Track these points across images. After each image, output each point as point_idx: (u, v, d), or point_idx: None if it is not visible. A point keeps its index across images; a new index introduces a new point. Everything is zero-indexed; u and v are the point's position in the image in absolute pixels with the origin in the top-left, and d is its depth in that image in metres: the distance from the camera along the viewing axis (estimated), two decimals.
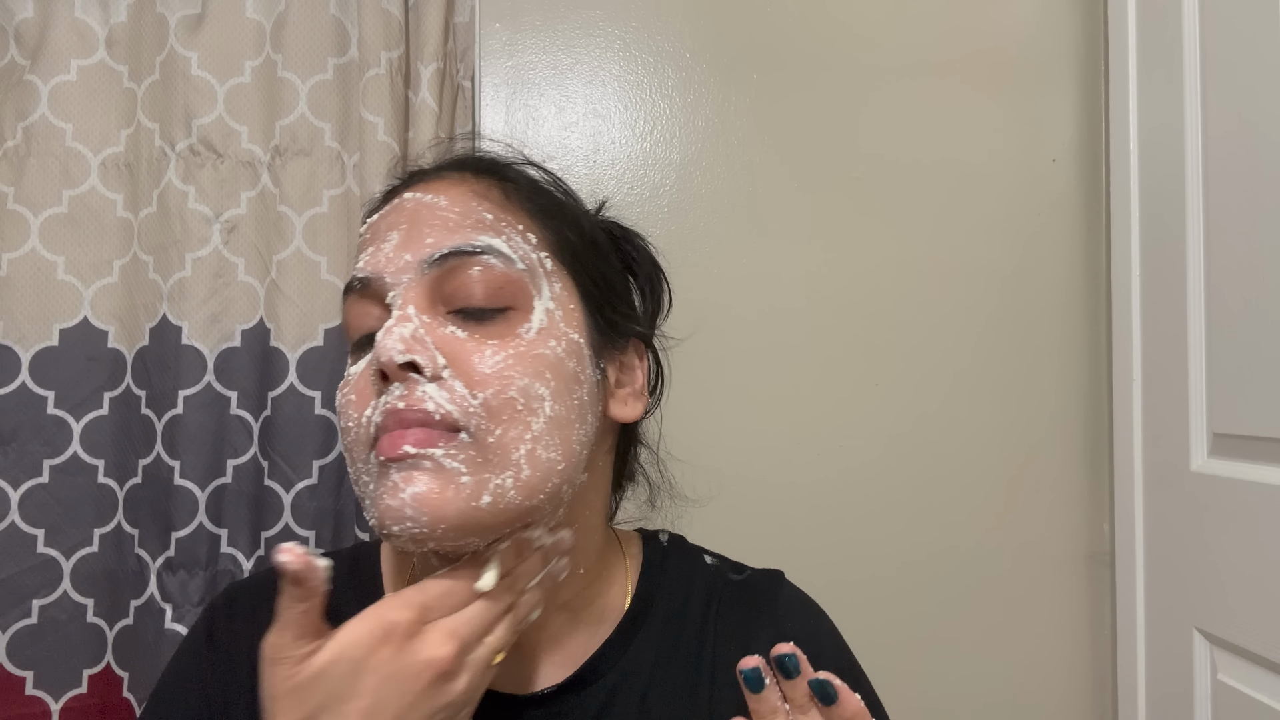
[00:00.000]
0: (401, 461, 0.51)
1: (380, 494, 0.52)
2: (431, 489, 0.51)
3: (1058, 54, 1.37)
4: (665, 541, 0.73)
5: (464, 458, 0.52)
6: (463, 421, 0.52)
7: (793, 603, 0.71)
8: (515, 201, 0.61)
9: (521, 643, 0.62)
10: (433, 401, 0.52)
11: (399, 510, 0.51)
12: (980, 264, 1.35)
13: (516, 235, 0.59)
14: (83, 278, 1.24)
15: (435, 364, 0.53)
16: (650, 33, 1.34)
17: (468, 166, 0.64)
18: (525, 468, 0.53)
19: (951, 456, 1.34)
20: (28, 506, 1.21)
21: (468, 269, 0.56)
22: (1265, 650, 0.99)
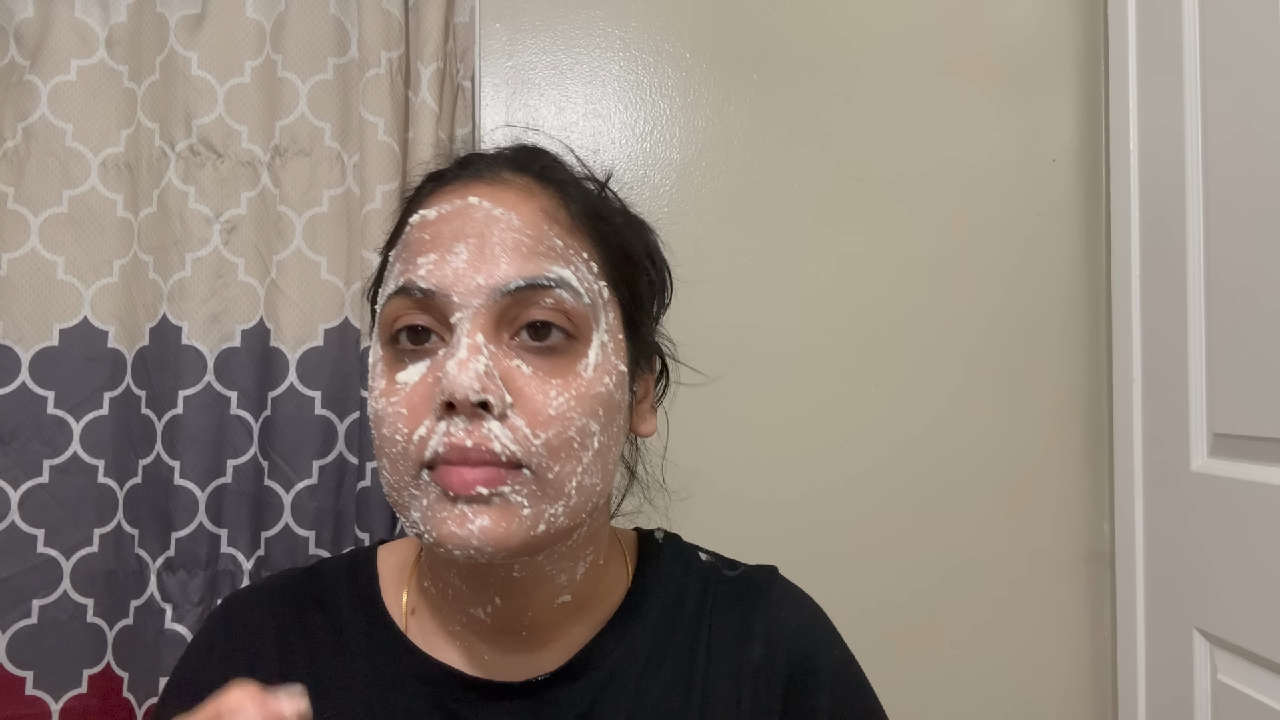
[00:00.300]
0: (472, 497, 0.54)
1: (443, 518, 0.54)
2: (498, 524, 0.54)
3: (1058, 54, 1.37)
4: (661, 539, 0.74)
5: (526, 492, 0.55)
6: (524, 460, 0.54)
7: (787, 596, 0.71)
8: (581, 225, 0.61)
9: (527, 631, 0.63)
10: (499, 442, 0.54)
11: (464, 539, 0.54)
12: (980, 264, 1.35)
13: (582, 265, 0.59)
14: (83, 278, 1.24)
15: (504, 402, 0.54)
16: (650, 33, 1.34)
17: (532, 172, 0.63)
18: (574, 496, 0.56)
19: (951, 457, 1.34)
20: (28, 506, 1.21)
21: (539, 299, 0.56)
22: (1265, 650, 0.99)
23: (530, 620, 0.63)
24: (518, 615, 0.62)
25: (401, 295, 0.58)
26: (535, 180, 0.62)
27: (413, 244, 0.60)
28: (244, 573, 1.21)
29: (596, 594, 0.66)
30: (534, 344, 0.57)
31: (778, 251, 1.34)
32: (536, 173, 0.63)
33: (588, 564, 0.64)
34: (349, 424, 1.24)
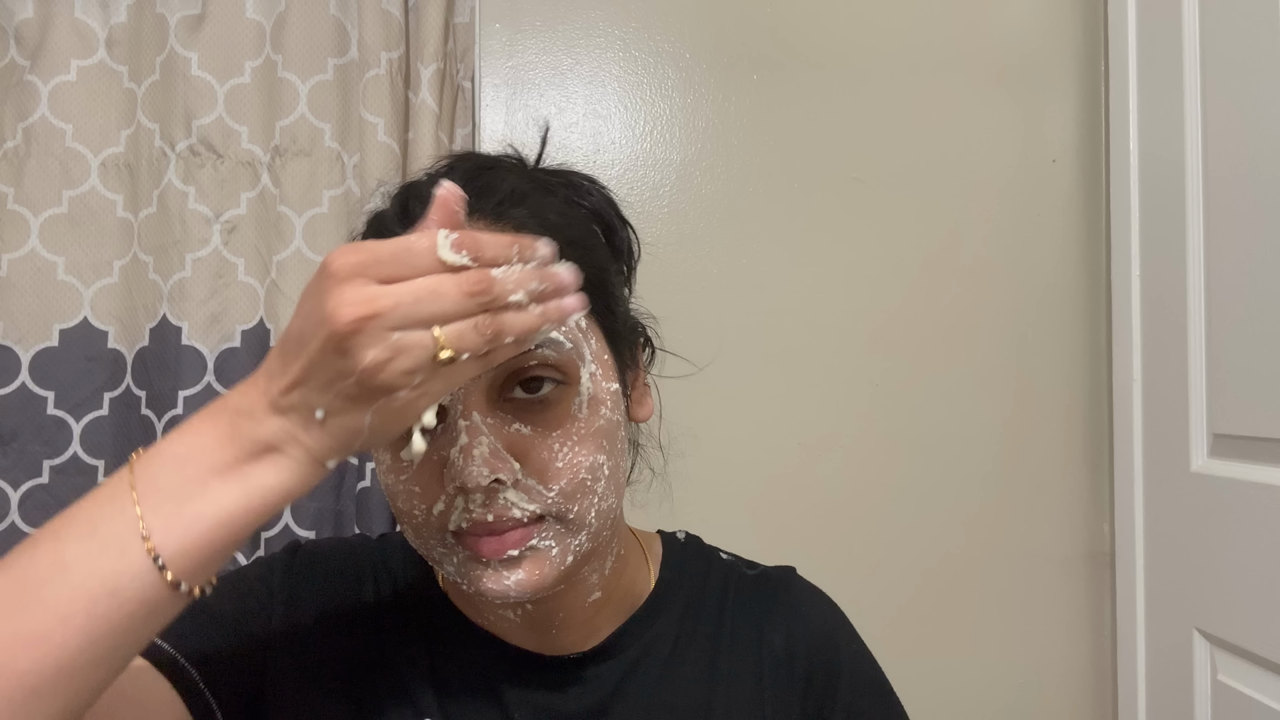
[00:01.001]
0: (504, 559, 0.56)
1: (477, 575, 0.57)
2: (532, 572, 0.56)
3: (1058, 54, 1.37)
4: (683, 539, 0.76)
5: (552, 535, 0.57)
6: (544, 511, 0.56)
7: (807, 593, 0.74)
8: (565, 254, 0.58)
9: (563, 620, 0.64)
10: (518, 509, 0.55)
11: (503, 592, 0.56)
12: (980, 264, 1.35)
13: None
14: (83, 278, 1.23)
15: (513, 472, 0.55)
16: (650, 33, 1.34)
17: (485, 214, 0.58)
18: (594, 522, 0.58)
19: (951, 457, 1.34)
20: (28, 507, 1.21)
21: (525, 361, 0.55)
22: (1265, 650, 0.99)
23: (562, 620, 0.65)
24: (550, 616, 0.64)
25: None
26: (491, 225, 0.58)
27: None
28: None
29: (622, 587, 0.68)
30: (527, 398, 0.56)
31: (778, 251, 1.34)
32: (489, 213, 0.58)
33: (614, 557, 0.66)
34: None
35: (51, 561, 0.45)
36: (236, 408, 0.47)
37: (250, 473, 0.46)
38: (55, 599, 0.44)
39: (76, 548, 0.45)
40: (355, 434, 0.46)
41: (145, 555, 0.45)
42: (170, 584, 0.45)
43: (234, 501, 0.46)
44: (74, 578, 0.44)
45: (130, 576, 0.45)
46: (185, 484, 0.46)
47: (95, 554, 0.45)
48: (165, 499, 0.46)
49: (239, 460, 0.46)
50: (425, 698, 0.64)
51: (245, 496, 0.46)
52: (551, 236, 0.53)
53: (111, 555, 0.45)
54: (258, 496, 0.46)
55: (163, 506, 0.45)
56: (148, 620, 0.46)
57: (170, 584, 0.45)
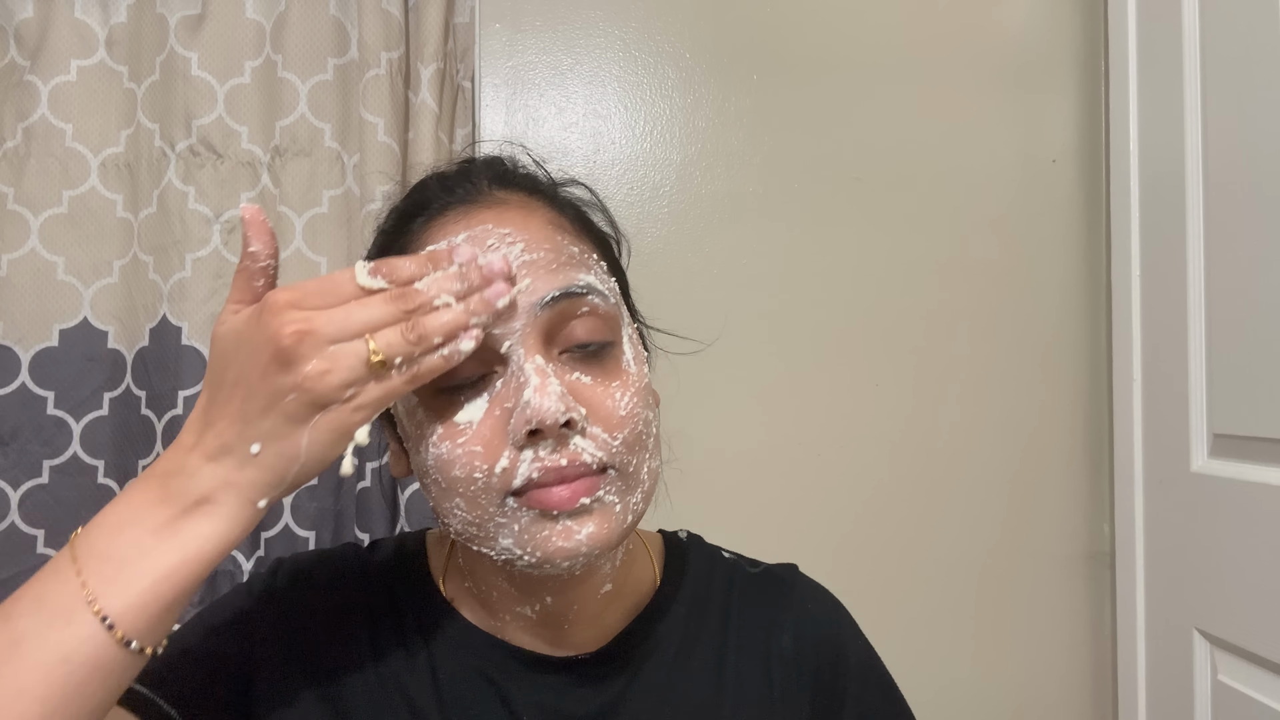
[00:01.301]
0: (575, 510, 0.56)
1: (545, 536, 0.56)
2: (601, 526, 0.56)
3: (1058, 54, 1.37)
4: (685, 538, 0.76)
5: (615, 490, 0.57)
6: (609, 462, 0.57)
7: (812, 591, 0.74)
8: (584, 229, 0.64)
9: (576, 614, 0.64)
10: (587, 453, 0.56)
11: (574, 550, 0.56)
12: (980, 264, 1.35)
13: (597, 267, 0.61)
14: (83, 278, 1.23)
15: (581, 416, 0.56)
16: (650, 33, 1.34)
17: (522, 186, 0.64)
18: (647, 481, 0.60)
19: (952, 457, 1.34)
20: (28, 507, 1.21)
21: (576, 309, 0.58)
22: (1265, 650, 1.00)
23: (575, 613, 0.65)
24: (565, 610, 0.64)
25: None
26: (528, 194, 0.63)
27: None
28: (244, 573, 1.21)
29: (630, 581, 0.68)
30: (583, 352, 0.58)
31: (778, 251, 1.34)
32: (527, 186, 0.64)
33: (624, 549, 0.66)
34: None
35: (4, 640, 0.47)
36: (165, 470, 0.51)
37: (184, 527, 0.49)
38: (11, 675, 0.46)
39: (26, 624, 0.48)
40: (291, 461, 0.49)
41: (93, 618, 0.47)
42: (121, 643, 0.47)
43: (172, 557, 0.49)
44: (25, 652, 0.47)
45: (79, 641, 0.47)
46: (124, 547, 0.49)
47: (44, 626, 0.47)
48: (105, 564, 0.49)
49: (173, 518, 0.49)
50: (428, 704, 0.63)
51: (182, 550, 0.49)
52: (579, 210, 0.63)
53: (60, 624, 0.47)
54: (193, 549, 0.49)
55: (104, 571, 0.48)
56: (104, 683, 0.48)
57: (121, 643, 0.47)
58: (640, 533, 0.73)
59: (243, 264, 0.53)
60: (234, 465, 0.49)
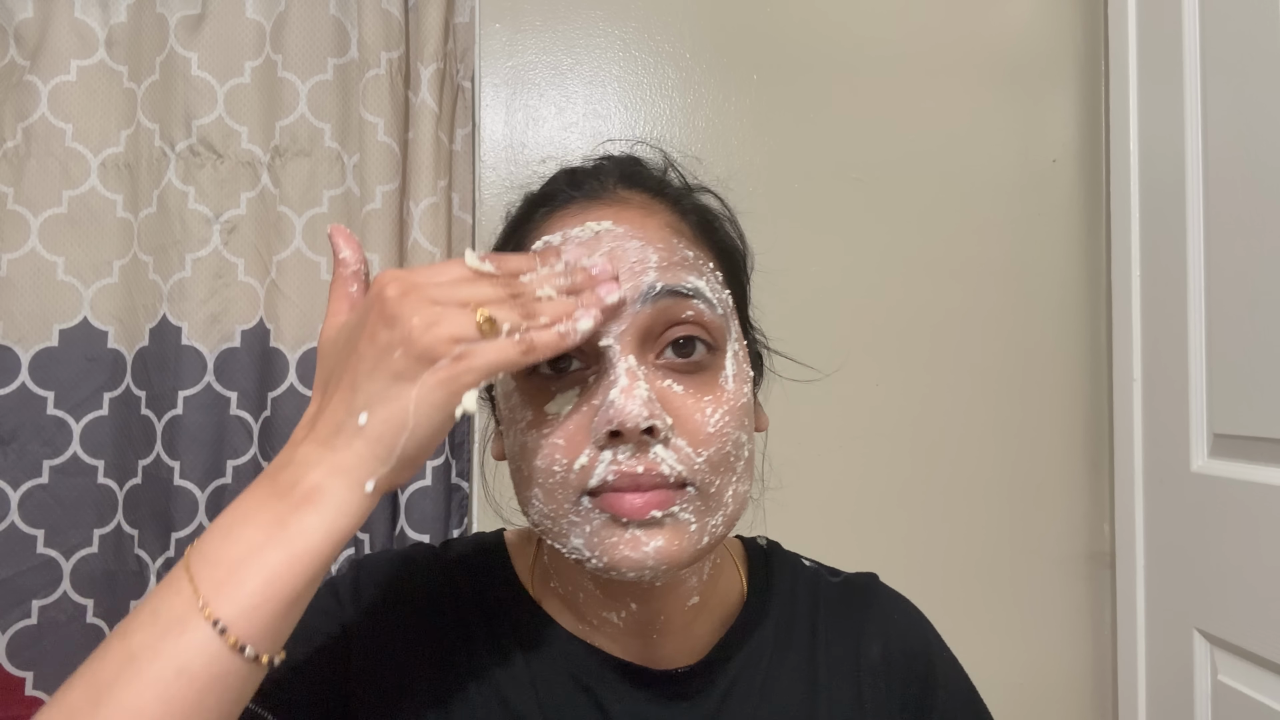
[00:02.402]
0: (645, 521, 0.54)
1: (613, 543, 0.55)
2: (671, 542, 0.55)
3: (1058, 54, 1.37)
4: (765, 545, 0.76)
5: (692, 509, 0.55)
6: (689, 478, 0.55)
7: (895, 602, 0.75)
8: (702, 235, 0.62)
9: (658, 634, 0.63)
10: (666, 465, 0.54)
11: (639, 561, 0.54)
12: (980, 264, 1.35)
13: (710, 275, 0.60)
14: (83, 278, 1.23)
15: (666, 425, 0.54)
16: (650, 33, 1.34)
17: (648, 188, 0.64)
18: (731, 504, 0.58)
19: (951, 457, 1.34)
20: (28, 507, 1.21)
21: (679, 312, 0.56)
22: (1265, 650, 0.99)
23: (663, 623, 0.63)
24: (652, 619, 0.63)
25: None
26: (652, 196, 0.63)
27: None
28: None
29: (718, 593, 0.67)
30: (679, 361, 0.57)
31: (777, 251, 1.33)
32: (653, 188, 0.64)
33: (711, 563, 0.65)
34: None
35: (120, 658, 0.45)
36: (277, 465, 0.49)
37: (292, 522, 0.47)
38: (127, 693, 0.44)
39: (142, 638, 0.46)
40: (399, 428, 0.47)
41: (206, 625, 0.45)
42: (236, 649, 0.45)
43: (281, 554, 0.46)
44: (142, 667, 0.45)
45: (195, 651, 0.45)
46: (234, 549, 0.47)
47: (159, 638, 0.45)
48: (216, 568, 0.46)
49: (281, 514, 0.47)
50: (529, 711, 0.62)
51: (289, 546, 0.47)
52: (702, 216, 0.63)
53: (174, 635, 0.45)
54: (301, 544, 0.47)
55: (215, 575, 0.46)
56: (223, 695, 0.46)
57: (236, 649, 0.45)
58: None
59: (337, 273, 0.54)
60: (342, 444, 0.48)
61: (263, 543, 0.47)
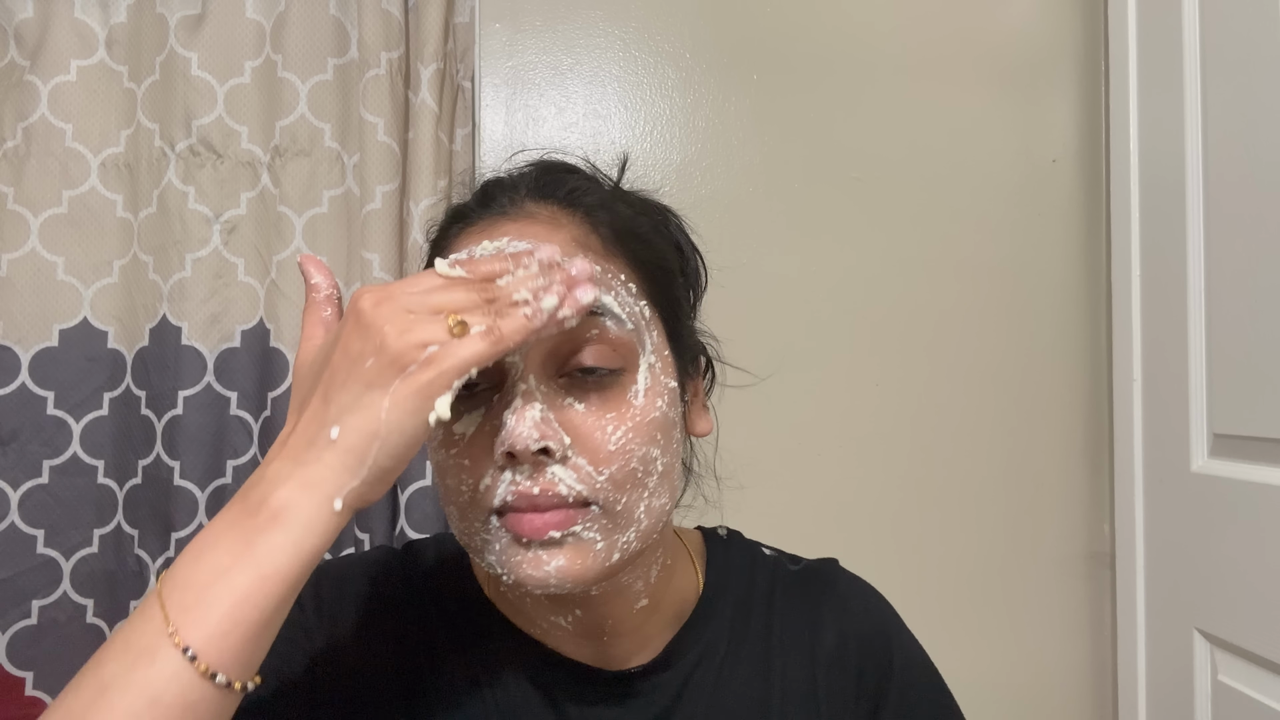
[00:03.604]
0: (545, 541, 0.54)
1: (518, 562, 0.55)
2: (574, 561, 0.54)
3: (1058, 54, 1.37)
4: (725, 535, 0.76)
5: (597, 527, 0.55)
6: (591, 497, 0.54)
7: (854, 587, 0.75)
8: (614, 248, 0.60)
9: (612, 628, 0.64)
10: (564, 484, 0.54)
11: (542, 580, 0.54)
12: (980, 264, 1.35)
13: (621, 288, 0.59)
14: (83, 278, 1.23)
15: (563, 445, 0.54)
16: (650, 33, 1.34)
17: (557, 199, 0.62)
18: (644, 520, 0.57)
19: (951, 457, 1.34)
20: (28, 507, 1.21)
21: (584, 332, 0.55)
22: (1265, 650, 0.99)
23: (611, 626, 0.64)
24: (599, 623, 0.63)
25: None
26: (561, 208, 0.61)
27: None
28: None
29: (669, 593, 0.67)
30: (584, 378, 0.56)
31: (778, 251, 1.34)
32: (562, 199, 0.62)
33: (659, 566, 0.65)
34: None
35: (93, 689, 0.45)
36: (247, 485, 0.49)
37: (258, 542, 0.46)
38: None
39: (114, 668, 0.45)
40: (370, 437, 0.47)
41: (176, 653, 0.44)
42: (206, 676, 0.44)
43: (248, 576, 0.46)
44: (114, 699, 0.44)
45: (166, 680, 0.44)
46: (202, 573, 0.46)
47: (130, 668, 0.45)
48: (186, 593, 0.46)
49: (247, 534, 0.47)
50: (485, 710, 0.63)
51: (258, 567, 0.46)
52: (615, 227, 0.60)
53: (145, 664, 0.44)
54: (269, 565, 0.46)
55: (184, 600, 0.46)
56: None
57: (206, 676, 0.44)
58: (681, 533, 0.73)
59: (309, 298, 0.55)
60: (313, 458, 0.47)
61: (229, 565, 0.46)
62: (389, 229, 1.23)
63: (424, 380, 0.47)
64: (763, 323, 1.32)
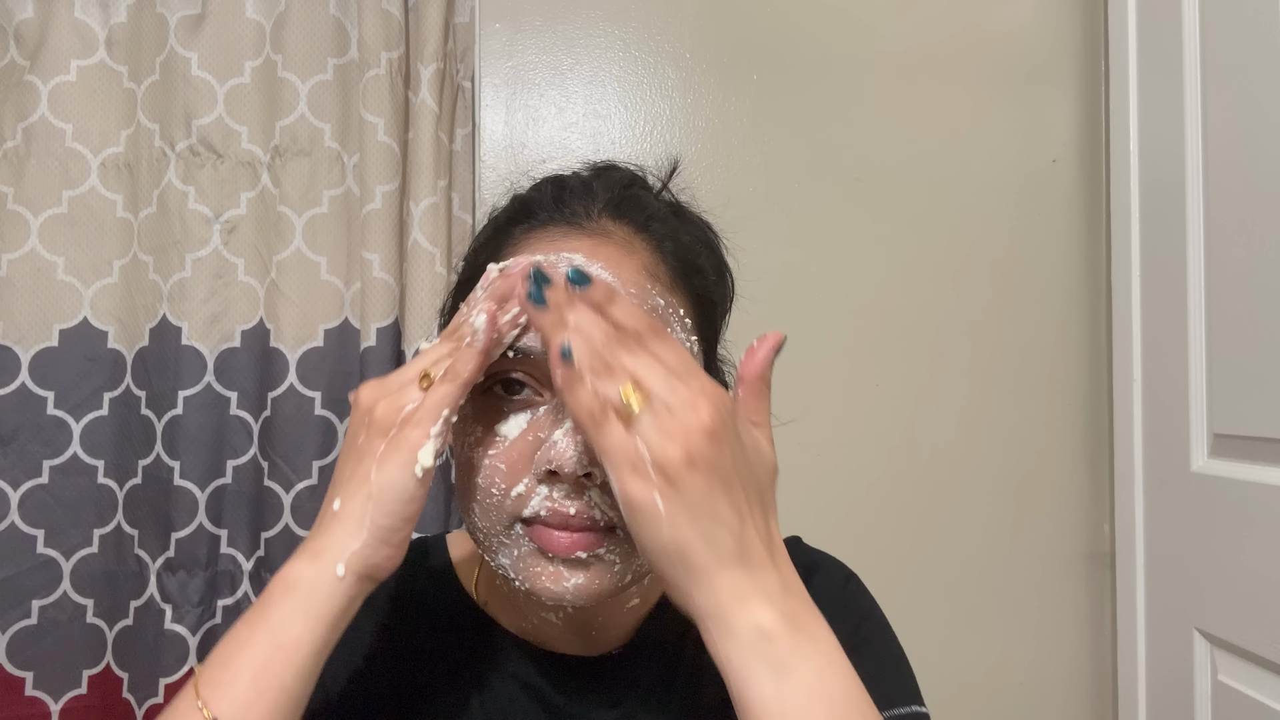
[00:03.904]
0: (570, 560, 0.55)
1: (536, 573, 0.56)
2: (592, 581, 0.56)
3: (1058, 54, 1.37)
4: None
5: (619, 551, 0.56)
6: (619, 524, 0.55)
7: (818, 564, 0.75)
8: (678, 281, 0.61)
9: (601, 624, 0.65)
10: (599, 510, 0.55)
11: (559, 595, 0.55)
12: (980, 264, 1.35)
13: (678, 323, 0.60)
14: (83, 278, 1.23)
15: (605, 473, 0.53)
16: (650, 33, 1.34)
17: (635, 222, 0.62)
18: None
19: (952, 456, 1.34)
20: (28, 507, 1.21)
21: None
22: (1265, 650, 0.99)
23: (601, 623, 0.65)
24: (589, 620, 0.64)
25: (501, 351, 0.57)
26: (636, 232, 0.61)
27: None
28: (244, 573, 1.21)
29: (656, 586, 0.68)
30: None
31: (778, 251, 1.34)
32: (639, 224, 0.62)
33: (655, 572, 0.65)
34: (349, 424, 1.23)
35: None
36: None
37: (272, 613, 0.50)
38: None
39: None
40: (366, 499, 0.50)
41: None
42: None
43: (264, 647, 0.49)
44: None
45: None
46: (228, 648, 0.50)
47: None
48: (213, 668, 0.50)
49: (264, 608, 0.51)
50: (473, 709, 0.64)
51: (272, 637, 0.49)
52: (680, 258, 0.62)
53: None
54: (282, 634, 0.49)
55: (212, 674, 0.49)
56: None
57: None
58: None
59: None
60: (320, 532, 0.51)
61: (248, 638, 0.50)
62: (389, 229, 1.23)
63: (404, 437, 0.51)
64: (762, 323, 1.32)
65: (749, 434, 0.52)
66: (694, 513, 0.46)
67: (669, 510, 0.46)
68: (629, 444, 0.47)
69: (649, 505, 0.46)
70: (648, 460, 0.46)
